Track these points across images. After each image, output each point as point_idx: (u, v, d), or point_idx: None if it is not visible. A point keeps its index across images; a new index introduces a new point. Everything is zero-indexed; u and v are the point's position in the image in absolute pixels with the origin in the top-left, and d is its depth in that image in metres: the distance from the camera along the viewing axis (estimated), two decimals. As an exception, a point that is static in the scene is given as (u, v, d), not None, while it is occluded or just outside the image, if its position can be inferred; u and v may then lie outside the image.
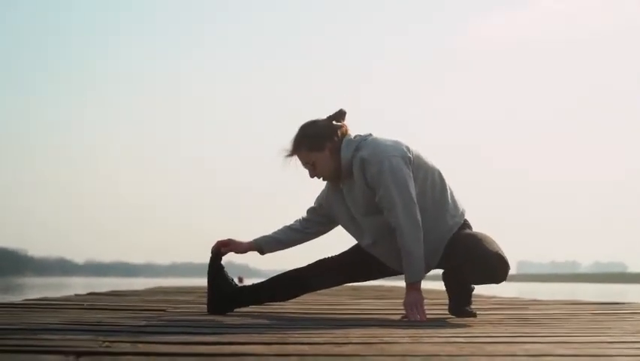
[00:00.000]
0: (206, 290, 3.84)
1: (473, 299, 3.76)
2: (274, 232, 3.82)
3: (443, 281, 3.71)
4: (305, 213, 3.85)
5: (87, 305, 4.25)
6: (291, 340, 2.31)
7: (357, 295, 7.10)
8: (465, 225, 3.61)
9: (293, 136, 3.60)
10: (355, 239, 3.73)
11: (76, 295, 6.22)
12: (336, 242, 3.95)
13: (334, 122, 3.58)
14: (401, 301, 3.53)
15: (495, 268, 3.42)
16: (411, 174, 3.43)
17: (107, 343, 2.11)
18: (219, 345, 2.14)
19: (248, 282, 6.62)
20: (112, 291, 7.49)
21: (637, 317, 3.65)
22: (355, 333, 2.57)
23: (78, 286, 27.24)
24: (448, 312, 3.69)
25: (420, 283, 3.44)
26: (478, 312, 3.71)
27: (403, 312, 3.45)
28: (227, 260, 3.82)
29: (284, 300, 3.98)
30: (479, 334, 2.59)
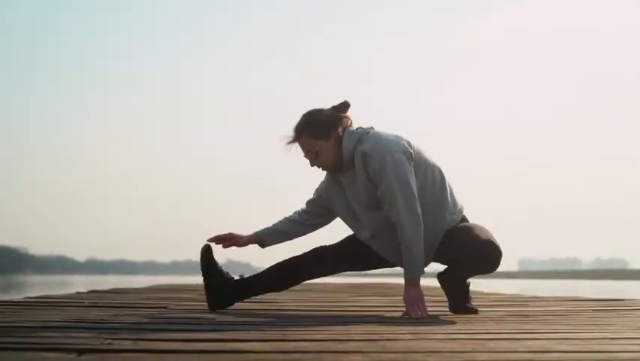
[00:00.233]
0: (206, 288, 3.82)
1: (474, 296, 3.75)
2: (274, 224, 3.76)
3: (439, 283, 3.66)
4: (304, 205, 3.80)
5: (88, 303, 4.25)
6: (293, 337, 2.31)
7: (357, 292, 7.10)
8: (462, 221, 3.60)
9: (295, 123, 3.54)
10: (354, 232, 3.69)
11: (77, 292, 6.21)
12: (339, 234, 3.90)
13: (339, 113, 3.55)
14: (402, 298, 3.52)
15: (489, 256, 3.43)
16: (412, 170, 3.42)
17: (109, 340, 2.11)
18: (221, 342, 2.15)
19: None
20: (113, 289, 7.49)
21: (638, 314, 3.65)
22: (357, 330, 2.58)
23: (79, 284, 27.24)
24: (449, 311, 3.67)
25: (419, 279, 3.43)
26: (480, 309, 3.71)
27: (404, 309, 3.45)
28: (228, 259, 3.80)
29: (283, 289, 3.88)
30: (481, 330, 2.59)
